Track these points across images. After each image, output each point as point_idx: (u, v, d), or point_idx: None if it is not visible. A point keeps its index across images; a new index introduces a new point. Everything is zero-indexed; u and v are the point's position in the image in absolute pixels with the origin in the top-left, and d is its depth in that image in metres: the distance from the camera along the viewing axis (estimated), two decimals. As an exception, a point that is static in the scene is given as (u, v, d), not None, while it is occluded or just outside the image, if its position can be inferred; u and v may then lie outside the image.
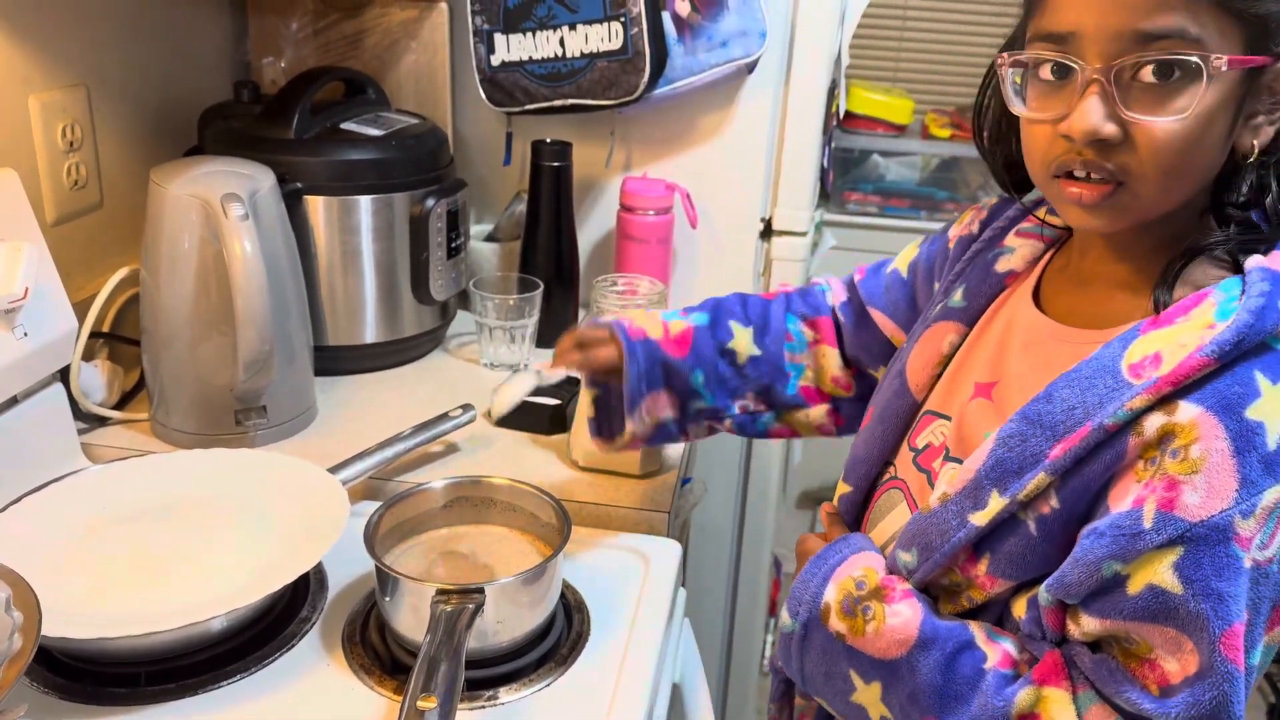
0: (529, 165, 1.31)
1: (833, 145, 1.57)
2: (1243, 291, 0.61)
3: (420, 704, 0.65)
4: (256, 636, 0.79)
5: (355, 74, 1.30)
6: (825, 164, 1.53)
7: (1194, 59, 0.59)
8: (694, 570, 1.63)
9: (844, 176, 2.39)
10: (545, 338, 1.30)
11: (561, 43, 1.29)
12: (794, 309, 0.95)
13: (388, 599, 0.77)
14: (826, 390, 0.94)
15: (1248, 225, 0.65)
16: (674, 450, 1.07)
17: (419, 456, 1.04)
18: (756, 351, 0.92)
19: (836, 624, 0.69)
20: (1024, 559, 0.65)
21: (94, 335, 1.08)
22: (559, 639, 0.82)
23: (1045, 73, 0.64)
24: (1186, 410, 0.59)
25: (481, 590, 0.74)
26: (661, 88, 1.31)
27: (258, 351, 0.97)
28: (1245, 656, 0.57)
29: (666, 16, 1.29)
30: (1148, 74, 0.60)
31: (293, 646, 0.79)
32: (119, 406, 1.10)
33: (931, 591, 0.70)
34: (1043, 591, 0.63)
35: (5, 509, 0.84)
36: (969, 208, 0.88)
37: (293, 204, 1.10)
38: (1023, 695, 0.62)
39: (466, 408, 1.07)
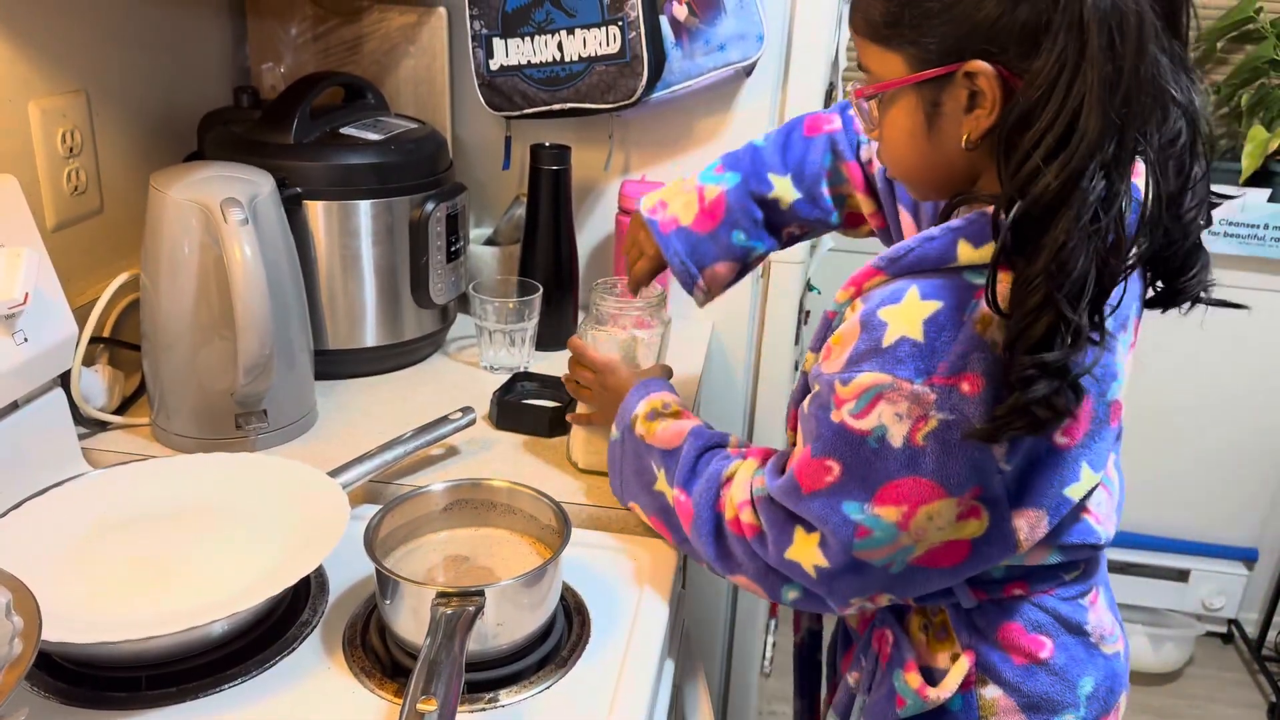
0: (528, 169, 1.31)
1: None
2: None
3: (420, 706, 0.65)
4: (257, 640, 0.79)
5: (354, 79, 1.30)
6: (823, 166, 1.54)
7: (855, 92, 0.77)
8: (694, 572, 1.63)
9: (843, 179, 2.38)
10: (545, 341, 1.31)
11: (560, 47, 1.29)
12: (834, 148, 1.02)
13: (388, 602, 0.77)
14: (863, 217, 1.04)
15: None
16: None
17: (419, 459, 1.04)
18: (798, 195, 1.02)
19: (640, 427, 0.91)
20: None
21: (94, 340, 1.08)
22: (559, 641, 0.82)
23: None
24: (857, 304, 0.75)
25: (481, 593, 0.74)
26: (660, 91, 1.31)
27: (258, 356, 0.97)
28: (823, 488, 0.74)
29: (664, 20, 1.29)
30: None
31: (293, 650, 0.79)
32: (119, 411, 1.10)
33: None
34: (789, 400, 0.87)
35: (6, 514, 0.84)
36: None
37: (292, 209, 1.10)
38: (730, 464, 0.85)
39: (466, 411, 1.07)
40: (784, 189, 1.02)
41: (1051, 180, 0.64)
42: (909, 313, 0.71)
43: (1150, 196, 0.68)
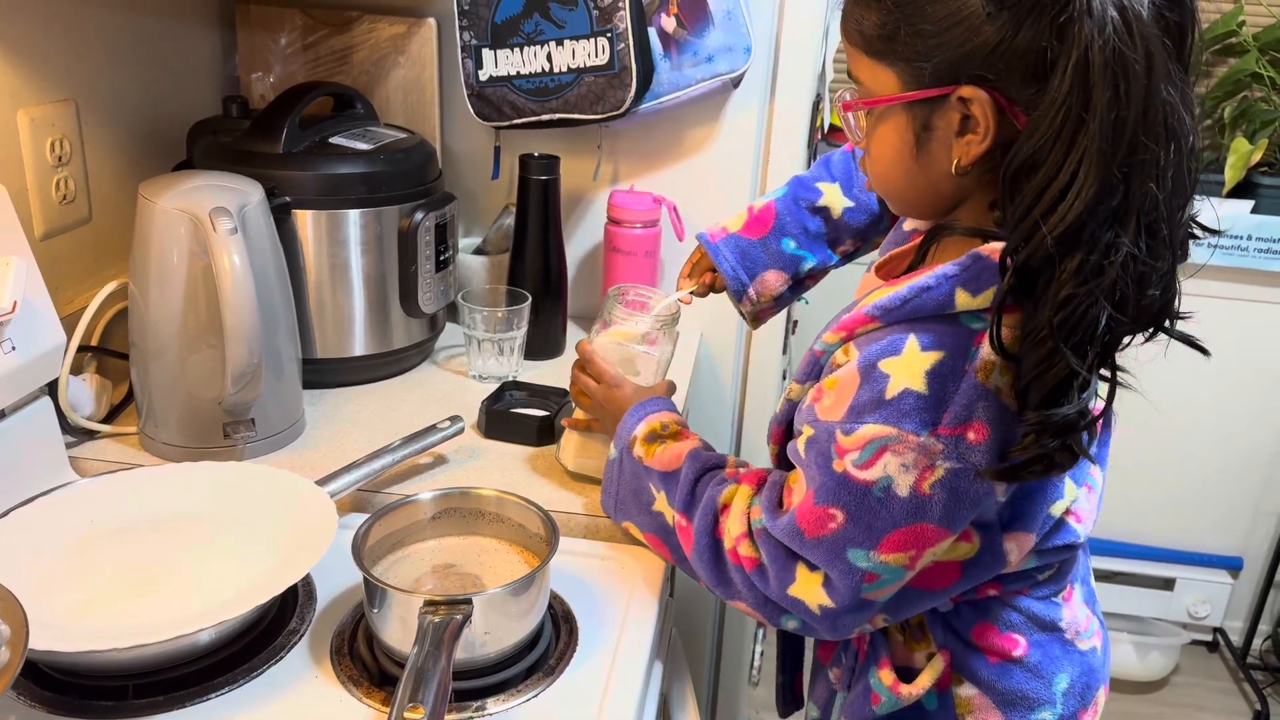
0: (517, 179, 1.32)
1: (818, 159, 1.58)
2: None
3: (408, 715, 0.65)
4: (244, 649, 0.79)
5: (344, 89, 1.30)
6: (811, 177, 1.54)
7: (840, 103, 0.76)
8: (682, 580, 1.63)
9: (830, 189, 2.40)
10: (533, 350, 1.31)
11: (549, 58, 1.30)
12: None
13: (376, 610, 0.77)
14: None
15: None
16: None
17: (407, 468, 1.04)
18: (849, 203, 1.04)
19: (639, 449, 0.90)
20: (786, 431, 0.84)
21: (82, 349, 1.08)
22: (547, 649, 0.82)
23: None
24: (851, 350, 0.74)
25: (469, 601, 0.74)
26: (648, 102, 1.32)
27: (246, 365, 0.98)
28: (828, 536, 0.73)
29: (653, 32, 1.30)
30: None
31: (281, 659, 0.79)
32: (107, 420, 1.10)
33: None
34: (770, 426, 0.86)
35: (-7, 523, 0.84)
36: None
37: (281, 218, 1.10)
38: (728, 489, 0.84)
39: (455, 419, 1.07)
40: (833, 196, 1.03)
41: (1050, 232, 0.63)
42: (910, 365, 0.70)
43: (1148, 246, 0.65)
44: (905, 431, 0.69)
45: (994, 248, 0.70)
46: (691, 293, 1.05)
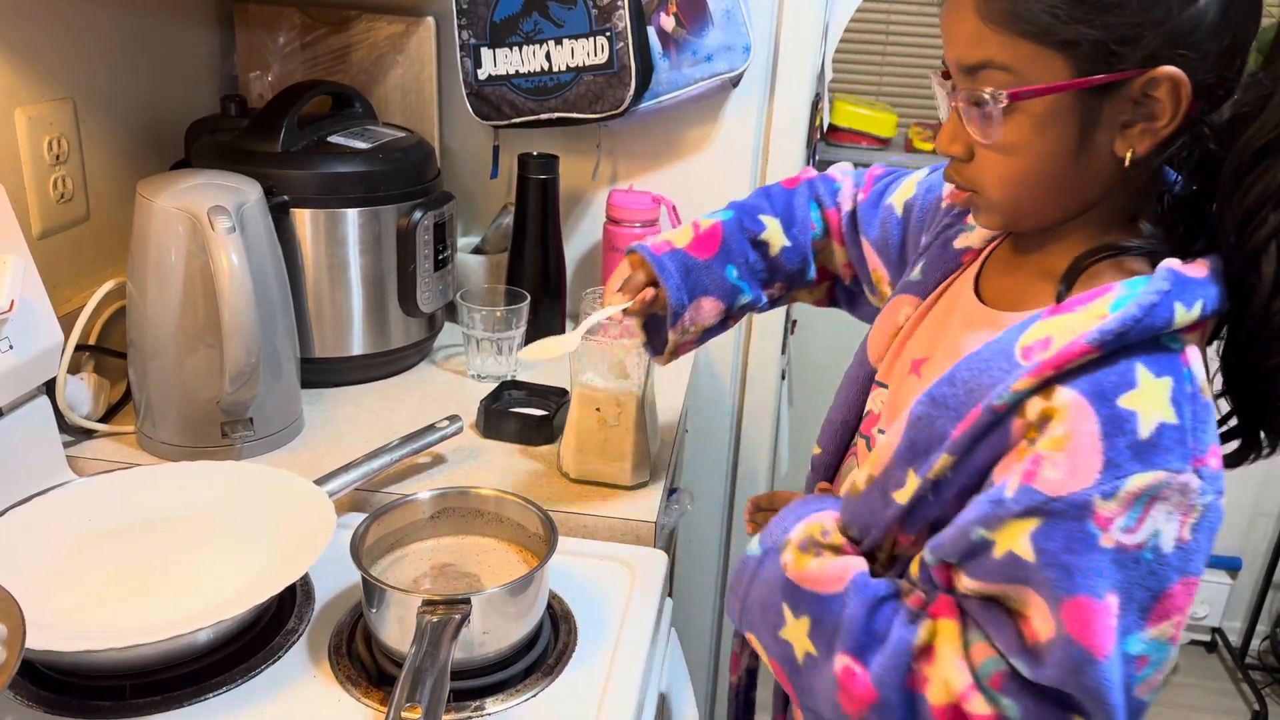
0: (516, 178, 1.32)
1: (817, 158, 1.58)
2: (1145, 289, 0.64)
3: (405, 715, 0.65)
4: (243, 649, 0.79)
5: (342, 88, 1.30)
6: (810, 177, 1.55)
7: (987, 94, 0.64)
8: (681, 580, 1.63)
9: (829, 189, 2.40)
10: (532, 349, 1.31)
11: (548, 57, 1.30)
12: (816, 196, 0.98)
13: (374, 610, 0.77)
14: (831, 270, 1.00)
15: (1172, 230, 0.67)
16: (662, 461, 1.08)
17: (406, 468, 1.04)
18: (787, 242, 0.96)
19: (787, 555, 0.73)
20: (931, 525, 0.68)
21: (80, 348, 1.08)
22: (545, 649, 0.82)
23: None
24: (1062, 394, 0.61)
25: (468, 601, 0.74)
26: (647, 101, 1.32)
27: (244, 364, 0.97)
28: (1113, 640, 0.59)
29: (652, 31, 1.30)
30: (970, 102, 0.66)
31: (279, 658, 0.79)
32: (105, 419, 1.10)
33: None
34: (926, 552, 0.67)
35: (-10, 522, 0.84)
36: None
37: (279, 217, 1.10)
38: (924, 627, 0.66)
39: (454, 419, 1.07)
40: (774, 232, 0.95)
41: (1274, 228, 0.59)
42: (1152, 395, 0.60)
43: None
44: (1171, 472, 0.59)
45: (1179, 264, 0.64)
46: (624, 310, 0.91)
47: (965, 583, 0.65)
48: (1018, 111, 0.64)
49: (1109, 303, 0.62)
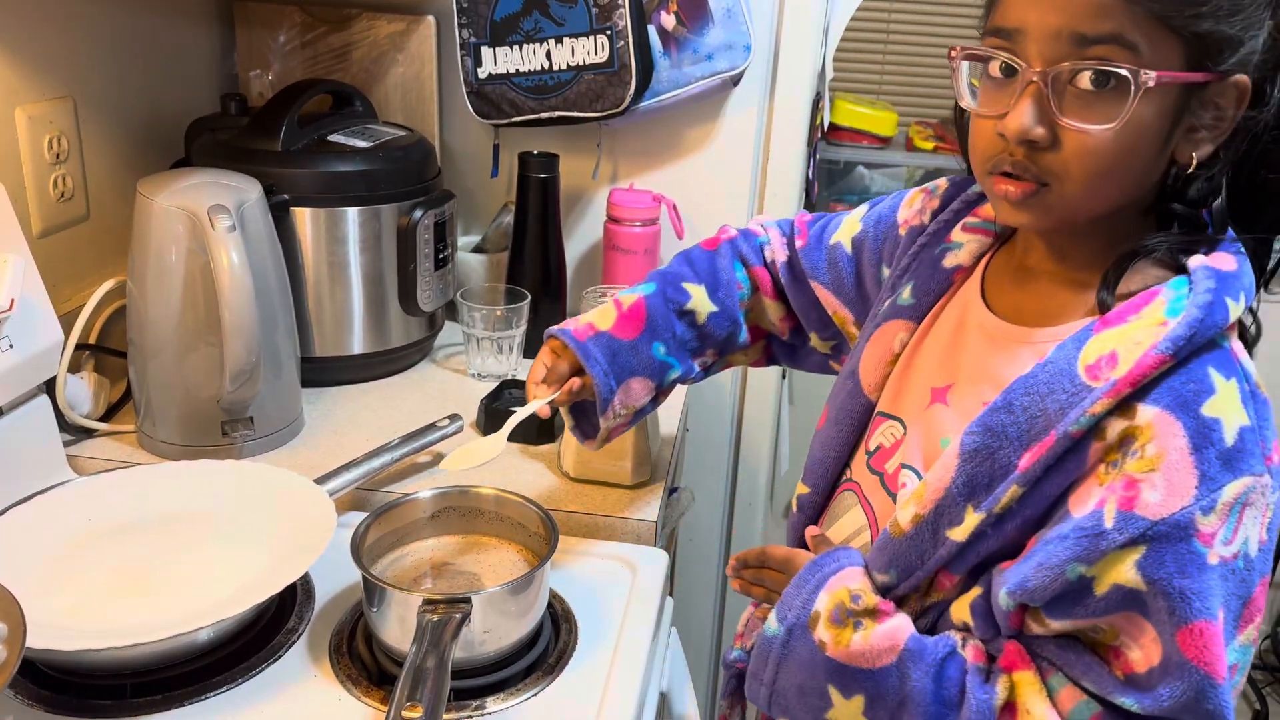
0: (516, 177, 1.32)
1: (817, 157, 1.58)
2: (1190, 289, 0.62)
3: (406, 714, 0.65)
4: (243, 648, 0.79)
5: (342, 86, 1.30)
6: (810, 176, 1.54)
7: (1126, 71, 0.59)
8: (682, 579, 1.63)
9: (829, 188, 2.40)
10: (532, 348, 1.30)
11: (548, 55, 1.29)
12: (740, 255, 0.94)
13: (374, 609, 0.77)
14: (764, 328, 0.97)
15: (1190, 227, 0.66)
16: (662, 460, 1.07)
17: (406, 467, 1.04)
18: (714, 308, 0.91)
19: (822, 633, 0.67)
20: (981, 562, 0.66)
21: (80, 347, 1.08)
22: (546, 648, 0.82)
23: (993, 69, 0.64)
24: (1145, 412, 0.59)
25: (468, 600, 0.74)
26: (647, 100, 1.32)
27: (244, 363, 0.97)
28: (1220, 656, 0.57)
29: (652, 30, 1.30)
30: (1084, 80, 0.60)
31: (279, 658, 0.79)
32: (105, 418, 1.10)
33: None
34: (1004, 596, 0.63)
35: (-10, 521, 0.84)
36: (917, 189, 0.86)
37: (280, 215, 1.10)
38: (1001, 685, 0.63)
39: (454, 418, 1.07)
40: (700, 299, 0.90)
41: None
42: (1227, 398, 0.59)
43: None
44: (1256, 475, 0.58)
45: (1207, 259, 0.64)
46: (550, 403, 0.86)
47: (1051, 624, 0.62)
48: (1144, 98, 0.59)
49: (1163, 308, 0.61)
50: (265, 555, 0.83)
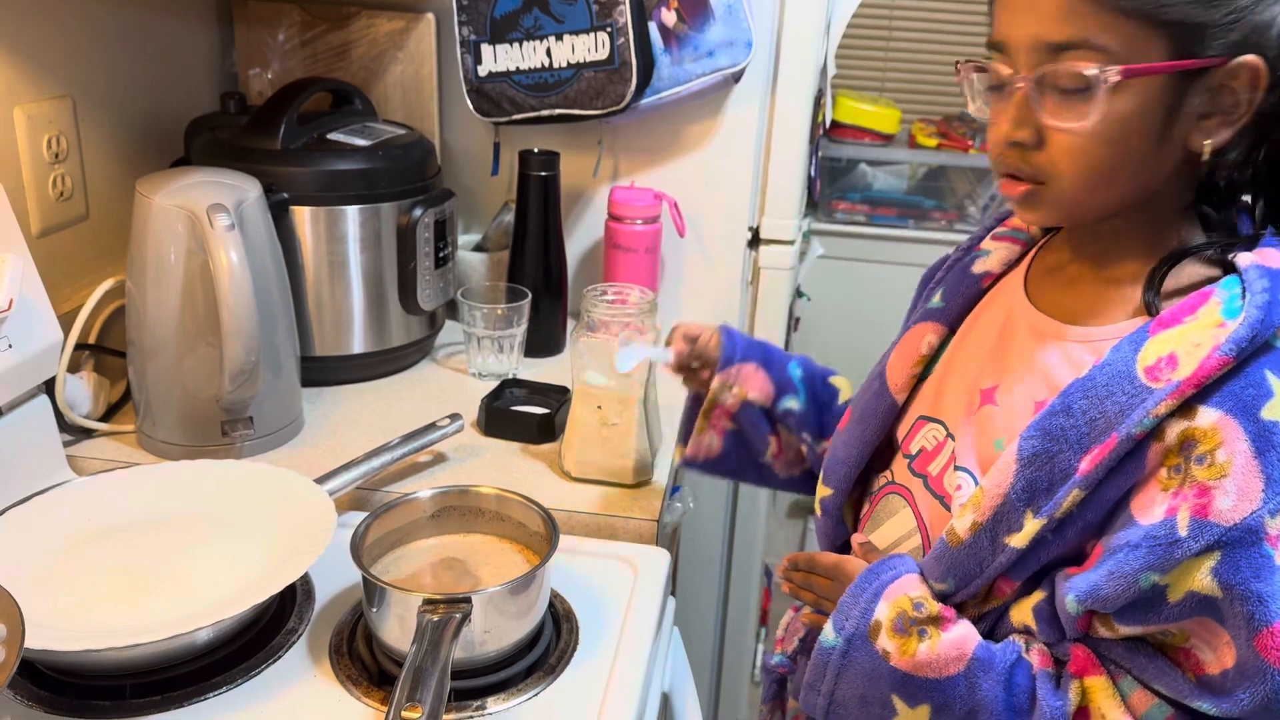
0: (517, 175, 1.31)
1: (820, 154, 1.58)
2: (1243, 288, 0.62)
3: (406, 714, 0.65)
4: (243, 648, 0.79)
5: (342, 85, 1.30)
6: (813, 173, 1.54)
7: (1089, 71, 0.61)
8: (684, 579, 1.63)
9: (832, 185, 2.39)
10: (533, 347, 1.30)
11: (548, 53, 1.29)
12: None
13: (374, 609, 0.77)
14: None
15: (1228, 225, 0.67)
16: (664, 459, 1.07)
17: (406, 466, 1.04)
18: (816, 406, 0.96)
19: (885, 642, 0.67)
20: (1040, 566, 0.66)
21: (80, 347, 1.07)
22: (547, 648, 0.81)
23: (988, 79, 0.68)
24: (1206, 415, 0.59)
25: (468, 600, 0.74)
26: (648, 98, 1.31)
27: (244, 362, 0.97)
28: None
29: (653, 27, 1.29)
30: (1060, 82, 0.62)
31: (279, 658, 0.79)
32: (105, 418, 1.10)
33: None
34: (1072, 602, 0.63)
35: (-11, 522, 0.83)
36: None
37: (279, 214, 1.10)
38: (1073, 690, 0.63)
39: (454, 417, 1.07)
40: (844, 385, 0.97)
41: None
42: None
43: None
44: None
45: (1256, 256, 0.64)
46: (673, 352, 0.95)
47: (1116, 629, 0.63)
48: (1117, 93, 0.61)
49: (1219, 308, 0.61)
50: (265, 555, 0.83)
